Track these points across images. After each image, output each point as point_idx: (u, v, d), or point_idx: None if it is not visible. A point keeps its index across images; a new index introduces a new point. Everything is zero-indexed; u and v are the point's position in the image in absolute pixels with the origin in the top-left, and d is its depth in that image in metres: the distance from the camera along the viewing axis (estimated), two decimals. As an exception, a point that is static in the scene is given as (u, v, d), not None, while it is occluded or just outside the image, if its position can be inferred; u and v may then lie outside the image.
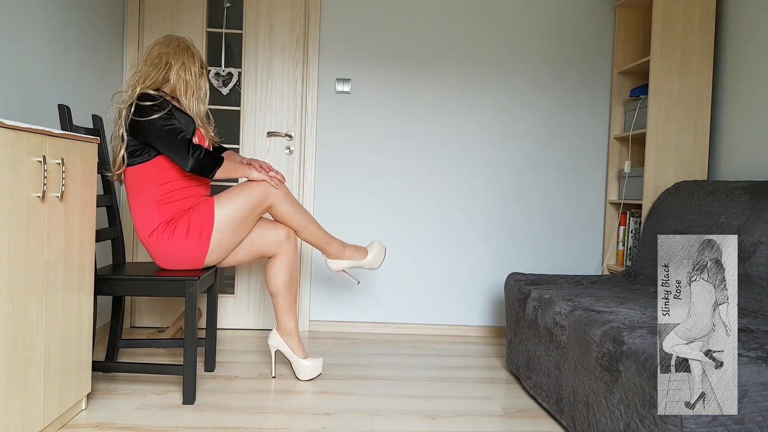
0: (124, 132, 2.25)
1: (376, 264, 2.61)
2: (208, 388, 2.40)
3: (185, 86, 2.37)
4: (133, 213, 2.35)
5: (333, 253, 2.56)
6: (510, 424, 2.13)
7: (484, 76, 3.36)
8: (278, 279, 2.45)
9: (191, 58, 2.41)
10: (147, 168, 2.29)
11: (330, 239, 2.54)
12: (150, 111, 2.22)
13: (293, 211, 2.43)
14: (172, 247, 2.29)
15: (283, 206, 2.41)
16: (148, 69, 2.34)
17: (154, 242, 2.30)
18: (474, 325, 3.42)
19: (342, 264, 2.58)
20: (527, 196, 3.41)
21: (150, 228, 2.30)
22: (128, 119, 2.23)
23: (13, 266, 1.56)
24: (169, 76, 2.35)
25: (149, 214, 2.30)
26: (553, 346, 2.14)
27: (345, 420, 2.11)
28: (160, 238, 2.29)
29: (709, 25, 2.84)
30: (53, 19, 2.47)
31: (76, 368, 1.96)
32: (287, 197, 2.42)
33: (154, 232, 2.29)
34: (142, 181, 2.29)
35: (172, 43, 2.40)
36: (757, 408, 1.38)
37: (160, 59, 2.35)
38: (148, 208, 2.29)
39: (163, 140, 2.22)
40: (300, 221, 2.46)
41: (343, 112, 3.34)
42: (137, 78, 2.33)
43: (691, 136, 2.86)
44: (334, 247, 2.54)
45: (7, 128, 1.51)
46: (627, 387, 1.61)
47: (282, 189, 2.40)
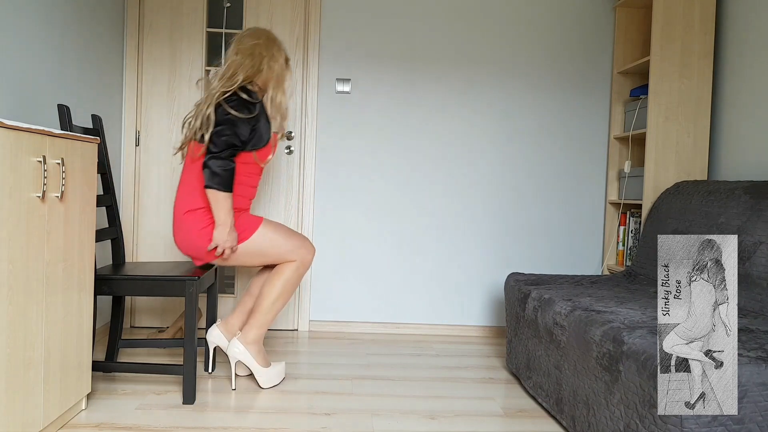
0: (212, 113, 2.23)
1: (268, 383, 2.40)
2: (208, 388, 2.40)
3: (275, 78, 2.40)
4: (185, 184, 2.33)
5: (249, 340, 2.38)
6: (510, 424, 2.13)
7: (484, 76, 3.36)
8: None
9: (279, 51, 2.43)
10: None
11: (263, 332, 2.39)
12: (243, 107, 2.24)
13: (289, 278, 2.38)
14: (200, 235, 2.28)
15: (290, 271, 2.38)
16: (243, 59, 2.34)
17: (188, 220, 2.30)
18: (474, 325, 3.42)
19: (244, 355, 2.37)
20: (527, 195, 3.41)
21: (193, 206, 2.30)
22: (218, 101, 2.24)
23: (13, 266, 1.56)
24: (262, 66, 2.37)
25: (201, 195, 2.30)
26: (553, 346, 2.14)
27: (345, 420, 2.11)
28: (197, 221, 2.29)
29: (709, 25, 2.84)
30: (53, 19, 2.47)
31: (76, 368, 1.96)
32: (301, 270, 2.40)
33: (195, 211, 2.30)
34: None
35: (262, 35, 2.42)
36: (757, 408, 1.38)
37: (253, 50, 2.37)
38: (203, 188, 2.28)
39: (222, 127, 2.22)
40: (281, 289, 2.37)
41: (343, 112, 3.34)
42: (235, 67, 2.32)
43: (691, 136, 2.86)
44: (258, 335, 2.38)
45: (7, 128, 1.51)
46: (627, 387, 1.61)
47: (304, 266, 2.40)
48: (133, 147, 3.27)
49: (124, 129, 3.27)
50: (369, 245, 3.37)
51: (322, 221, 3.35)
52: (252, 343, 2.38)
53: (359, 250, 3.37)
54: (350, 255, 3.37)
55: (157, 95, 3.28)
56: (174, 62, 3.28)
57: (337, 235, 3.36)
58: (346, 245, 3.37)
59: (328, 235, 3.36)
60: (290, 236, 2.39)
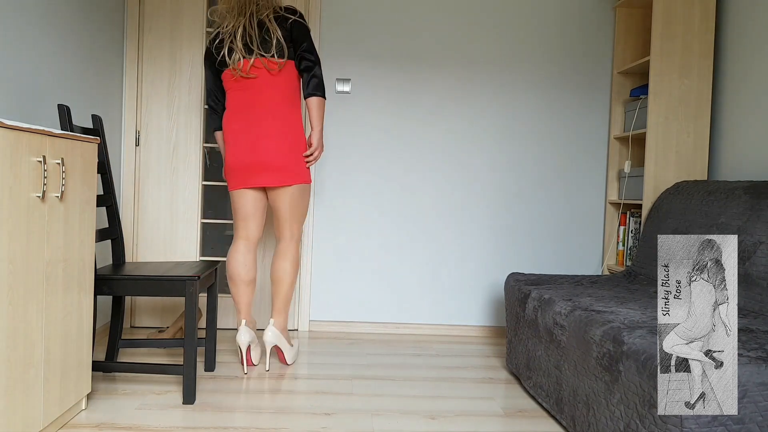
0: (282, 33, 2.49)
1: (293, 359, 2.74)
2: (208, 388, 2.40)
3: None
4: (276, 100, 2.52)
5: (280, 326, 2.68)
6: (510, 424, 2.13)
7: (484, 76, 3.36)
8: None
9: None
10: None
11: (287, 315, 2.71)
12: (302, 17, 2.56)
13: (296, 258, 2.69)
14: (303, 144, 2.58)
15: (295, 251, 2.68)
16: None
17: (294, 132, 2.55)
18: (474, 325, 3.42)
19: (279, 339, 2.64)
20: (527, 195, 3.41)
21: (297, 118, 2.57)
22: (287, 22, 2.50)
23: (13, 266, 1.56)
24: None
25: (296, 107, 2.59)
26: (553, 346, 2.14)
27: (345, 420, 2.11)
28: (301, 131, 2.57)
29: (709, 25, 2.84)
30: (53, 19, 2.47)
31: (76, 368, 1.96)
32: (299, 247, 2.71)
33: (298, 121, 2.57)
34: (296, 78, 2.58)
35: None
36: (757, 408, 1.38)
37: None
38: (295, 99, 2.60)
39: (309, 42, 2.52)
40: (294, 271, 2.68)
41: (343, 112, 3.34)
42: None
43: (691, 136, 2.86)
44: (286, 320, 2.71)
45: (7, 128, 1.51)
46: (627, 387, 1.61)
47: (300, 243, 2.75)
48: (133, 147, 3.27)
49: (124, 129, 3.27)
50: (369, 245, 3.37)
51: (322, 221, 3.35)
52: (283, 328, 2.69)
53: (359, 250, 3.37)
54: (350, 255, 3.37)
55: (157, 95, 3.28)
56: (174, 62, 3.28)
57: (337, 234, 3.36)
58: (346, 245, 3.37)
59: (328, 234, 3.36)
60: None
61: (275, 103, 2.50)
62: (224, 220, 3.36)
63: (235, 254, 2.63)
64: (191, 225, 3.31)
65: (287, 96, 2.53)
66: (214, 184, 3.37)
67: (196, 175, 3.31)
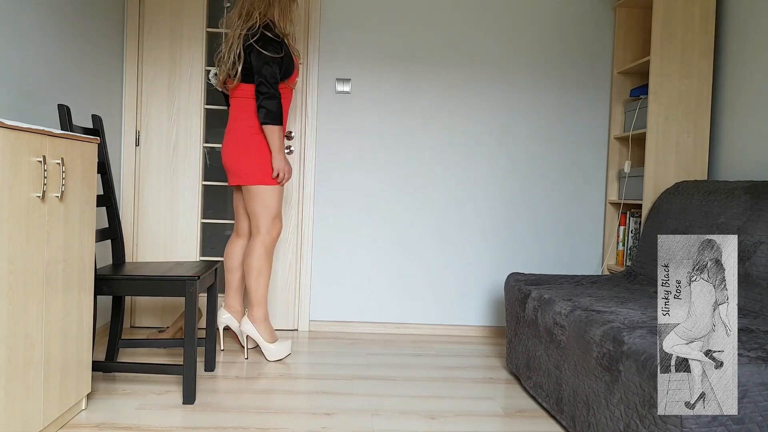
0: (242, 51, 2.57)
1: (273, 356, 2.76)
2: (208, 388, 2.40)
3: (280, 10, 2.67)
4: (236, 118, 2.67)
5: (256, 318, 2.75)
6: (510, 424, 2.13)
7: (484, 76, 3.36)
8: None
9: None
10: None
11: (264, 309, 2.75)
12: (270, 46, 2.55)
13: (260, 254, 2.72)
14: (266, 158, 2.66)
15: (259, 247, 2.71)
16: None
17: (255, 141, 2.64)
18: (474, 325, 3.42)
19: (252, 332, 2.75)
20: (527, 196, 3.41)
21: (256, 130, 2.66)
22: (248, 42, 2.55)
23: (13, 266, 1.56)
24: (274, 1, 2.65)
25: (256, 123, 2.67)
26: (553, 346, 2.14)
27: (345, 420, 2.11)
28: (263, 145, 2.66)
29: (709, 25, 2.84)
30: (53, 18, 2.47)
31: (76, 368, 1.96)
32: (268, 245, 2.73)
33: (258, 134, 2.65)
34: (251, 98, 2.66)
35: None
36: (757, 408, 1.38)
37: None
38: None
39: (263, 71, 2.54)
40: (257, 265, 2.72)
41: (343, 112, 3.34)
42: (248, 5, 2.60)
43: (691, 136, 2.86)
44: (262, 313, 2.75)
45: (7, 128, 1.51)
46: (627, 387, 1.61)
47: (272, 240, 2.74)
48: (133, 147, 3.27)
49: (124, 129, 3.27)
50: (369, 245, 3.37)
51: (322, 220, 3.35)
52: (259, 321, 2.74)
53: (359, 250, 3.37)
54: (350, 254, 3.37)
55: (157, 95, 3.28)
56: (174, 62, 3.28)
57: (337, 234, 3.36)
58: (346, 245, 3.37)
59: (328, 234, 3.36)
60: (280, 206, 2.73)
61: (236, 111, 2.70)
62: (224, 220, 3.36)
63: (228, 244, 2.93)
64: (191, 225, 3.31)
65: (244, 109, 2.67)
66: (214, 184, 3.37)
67: (196, 175, 3.31)
